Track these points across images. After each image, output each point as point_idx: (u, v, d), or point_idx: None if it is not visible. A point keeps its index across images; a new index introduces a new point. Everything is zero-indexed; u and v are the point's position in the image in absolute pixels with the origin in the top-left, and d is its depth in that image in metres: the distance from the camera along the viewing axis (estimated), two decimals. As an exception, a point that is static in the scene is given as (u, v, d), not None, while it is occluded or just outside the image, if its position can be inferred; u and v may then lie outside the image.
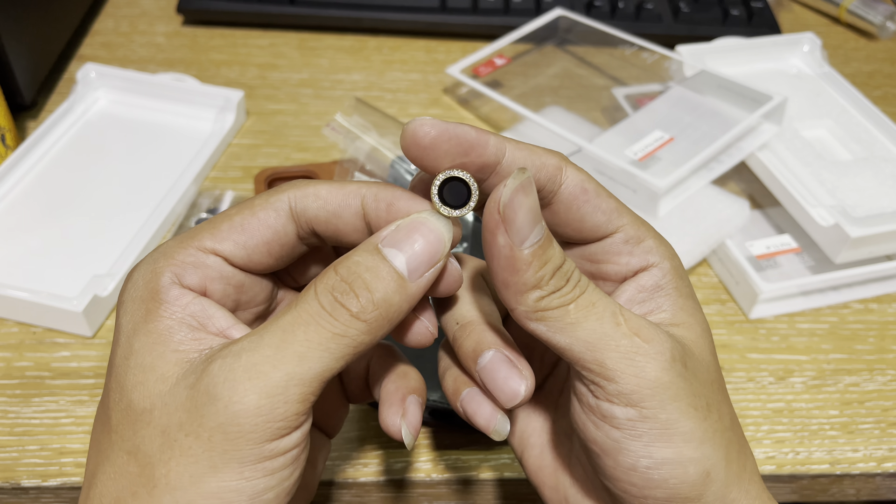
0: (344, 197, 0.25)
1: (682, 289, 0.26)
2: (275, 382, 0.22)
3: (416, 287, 0.24)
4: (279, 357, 0.22)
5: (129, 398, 0.23)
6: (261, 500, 0.23)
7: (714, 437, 0.24)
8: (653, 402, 0.23)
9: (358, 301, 0.23)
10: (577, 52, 0.62)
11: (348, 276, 0.23)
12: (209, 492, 0.22)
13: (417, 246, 0.24)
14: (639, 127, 0.50)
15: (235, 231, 0.25)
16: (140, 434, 0.23)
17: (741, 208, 0.47)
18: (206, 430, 0.22)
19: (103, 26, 0.65)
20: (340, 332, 0.23)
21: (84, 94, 0.55)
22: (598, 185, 0.26)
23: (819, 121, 0.54)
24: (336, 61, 0.64)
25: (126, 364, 0.24)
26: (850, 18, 0.73)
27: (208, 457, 0.22)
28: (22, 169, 0.49)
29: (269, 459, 0.22)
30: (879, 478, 0.40)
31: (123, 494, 0.23)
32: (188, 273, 0.25)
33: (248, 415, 0.22)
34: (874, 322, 0.46)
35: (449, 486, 0.38)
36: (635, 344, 0.23)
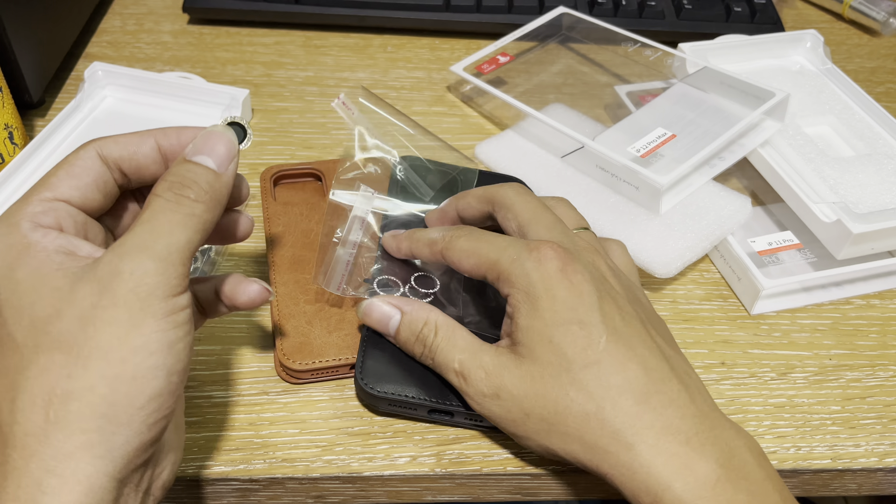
0: (139, 137, 0.32)
1: (523, 310, 0.33)
2: (160, 249, 0.27)
3: (227, 176, 0.31)
4: (155, 235, 0.28)
5: (30, 314, 0.27)
6: (175, 349, 0.27)
7: (539, 435, 0.33)
8: (487, 416, 0.35)
9: (192, 191, 0.29)
10: (579, 49, 0.62)
11: (176, 179, 0.29)
12: (136, 346, 0.26)
13: (217, 148, 0.31)
14: (641, 124, 0.50)
15: (64, 180, 0.30)
16: (54, 331, 0.26)
17: (743, 205, 0.47)
18: (120, 296, 0.27)
19: (110, 25, 0.66)
20: (189, 212, 0.29)
21: (91, 93, 0.55)
22: (468, 246, 0.36)
23: (822, 117, 0.54)
24: (341, 59, 0.64)
25: (16, 293, 0.27)
26: (853, 15, 0.73)
27: (127, 317, 0.26)
28: (30, 166, 0.49)
29: (175, 313, 0.28)
30: (881, 473, 0.40)
31: (57, 382, 0.26)
32: (42, 218, 0.29)
33: (150, 274, 0.27)
34: (876, 318, 0.47)
35: (452, 481, 0.38)
36: (462, 388, 0.35)
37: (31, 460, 0.26)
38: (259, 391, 0.40)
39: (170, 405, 0.28)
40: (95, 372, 0.26)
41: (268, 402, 0.39)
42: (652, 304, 0.39)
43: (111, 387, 0.26)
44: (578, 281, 0.33)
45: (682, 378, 0.33)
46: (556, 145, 0.51)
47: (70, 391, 0.26)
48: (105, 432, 0.26)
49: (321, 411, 0.39)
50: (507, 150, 0.53)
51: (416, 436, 0.38)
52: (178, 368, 0.28)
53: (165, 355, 0.27)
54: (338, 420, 0.39)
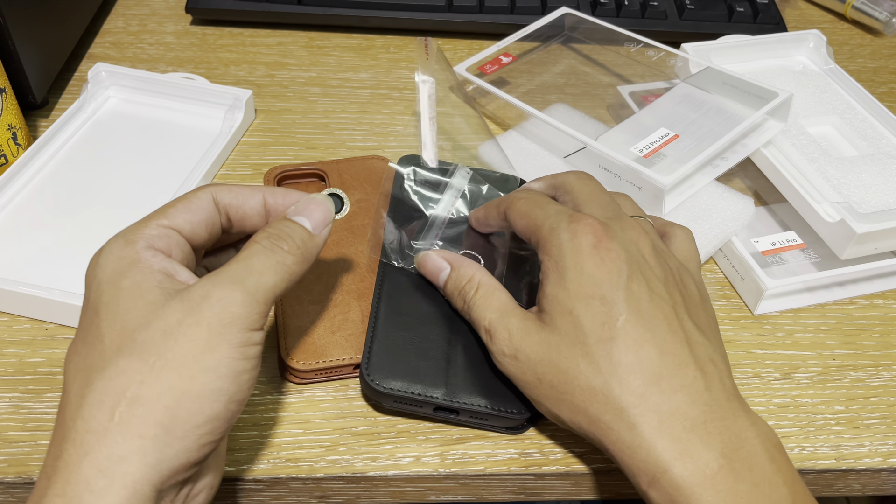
0: (250, 190, 0.35)
1: (551, 278, 0.35)
2: (249, 286, 0.30)
3: (320, 238, 0.34)
4: (247, 272, 0.30)
5: (123, 320, 0.29)
6: (240, 378, 0.29)
7: (549, 401, 0.34)
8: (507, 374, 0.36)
9: (286, 244, 0.32)
10: (582, 49, 0.62)
11: (274, 231, 0.33)
12: (207, 366, 0.28)
13: (315, 212, 0.34)
14: (644, 124, 0.50)
15: (181, 213, 0.33)
16: (140, 339, 0.28)
17: (746, 206, 0.47)
18: (205, 318, 0.29)
19: (113, 26, 0.66)
20: (280, 260, 0.32)
21: (94, 94, 0.55)
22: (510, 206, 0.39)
23: (824, 117, 0.54)
24: (343, 60, 0.64)
25: (115, 299, 0.29)
26: (856, 15, 0.73)
27: (206, 339, 0.28)
28: (33, 167, 0.50)
29: (248, 346, 0.29)
30: (885, 473, 0.40)
31: (129, 386, 0.27)
32: (156, 241, 0.31)
33: (236, 305, 0.29)
34: (880, 318, 0.46)
35: (456, 481, 0.38)
36: (488, 343, 0.37)
37: (86, 458, 0.26)
38: (263, 391, 0.40)
39: (223, 430, 0.29)
40: (166, 383, 0.27)
41: (271, 402, 0.39)
42: (707, 294, 0.38)
43: (177, 400, 0.27)
44: (611, 258, 0.34)
45: (704, 365, 0.33)
46: (559, 145, 0.51)
47: (139, 396, 0.27)
48: (160, 442, 0.27)
49: (325, 411, 0.39)
50: (510, 150, 0.53)
51: (419, 436, 0.38)
52: (239, 398, 0.29)
53: (231, 382, 0.29)
54: (341, 420, 0.39)
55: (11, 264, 0.44)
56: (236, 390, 0.29)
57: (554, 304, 0.34)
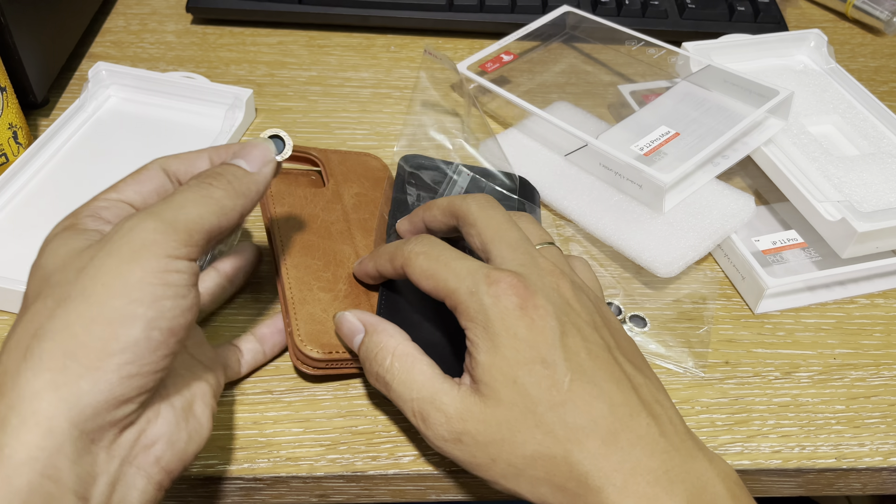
0: (197, 153, 0.34)
1: (482, 346, 0.32)
2: (166, 215, 0.29)
3: (260, 175, 0.33)
4: (165, 206, 0.29)
5: (43, 268, 0.29)
6: (161, 304, 0.27)
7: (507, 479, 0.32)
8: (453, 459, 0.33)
9: (216, 180, 0.31)
10: (583, 48, 0.62)
11: (205, 173, 0.32)
12: (117, 291, 0.27)
13: (251, 152, 0.34)
14: (644, 122, 0.50)
15: (130, 184, 0.33)
16: (55, 279, 0.28)
17: (746, 204, 0.47)
18: (115, 247, 0.28)
19: (114, 25, 0.66)
20: (207, 193, 0.30)
21: (95, 93, 0.55)
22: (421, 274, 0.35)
23: (825, 116, 0.54)
24: (344, 59, 0.64)
25: (42, 257, 0.30)
26: (857, 14, 0.73)
27: (116, 265, 0.27)
28: (34, 166, 0.50)
29: (168, 272, 0.28)
30: (886, 472, 0.40)
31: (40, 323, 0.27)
32: (104, 212, 0.31)
33: (147, 231, 0.28)
34: (880, 317, 0.46)
35: (457, 479, 0.38)
36: (421, 430, 0.33)
37: (2, 400, 0.26)
38: (263, 390, 0.40)
39: (149, 363, 0.27)
40: (73, 312, 0.26)
41: (272, 400, 0.39)
42: (616, 319, 0.37)
43: (86, 328, 0.26)
44: (539, 316, 0.32)
45: (653, 408, 0.32)
46: (560, 143, 0.51)
47: (48, 330, 0.26)
48: (71, 373, 0.26)
49: (325, 410, 0.39)
50: (511, 148, 0.53)
51: (419, 435, 0.38)
52: (162, 326, 0.27)
53: (147, 306, 0.27)
54: (342, 419, 0.39)
55: (12, 263, 0.44)
56: (155, 316, 0.27)
57: (493, 373, 0.32)
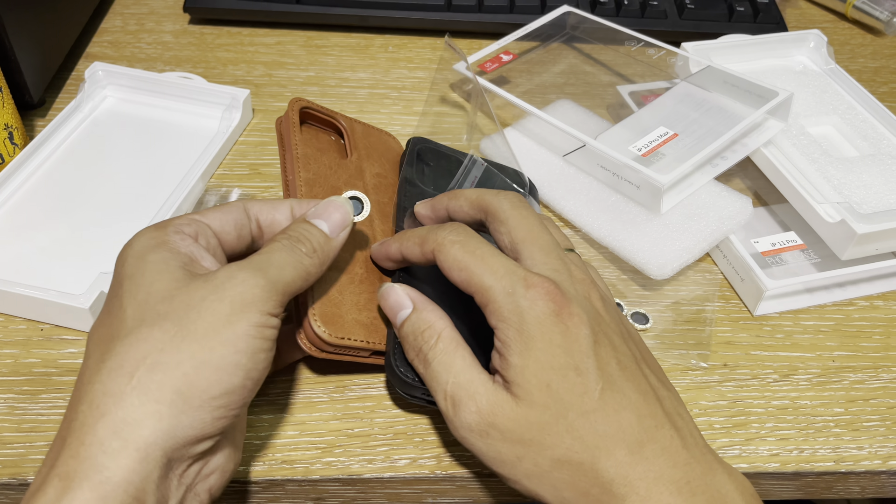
0: (280, 201, 0.37)
1: (514, 348, 0.32)
2: (271, 275, 0.31)
3: (337, 241, 0.35)
4: (269, 264, 0.32)
5: (147, 291, 0.30)
6: (257, 357, 0.30)
7: (530, 479, 0.32)
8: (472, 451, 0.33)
9: (305, 245, 0.34)
10: (582, 48, 0.62)
11: (293, 233, 0.34)
12: (227, 339, 0.29)
13: (333, 215, 0.35)
14: (643, 123, 0.50)
15: (212, 212, 0.35)
16: (163, 310, 0.29)
17: (744, 206, 0.47)
18: (228, 295, 0.30)
19: (111, 25, 0.66)
20: (299, 260, 0.33)
21: (91, 93, 0.55)
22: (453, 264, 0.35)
23: (825, 117, 0.54)
24: (342, 59, 0.64)
25: (140, 272, 0.31)
26: (857, 15, 0.72)
27: (228, 314, 0.29)
28: (30, 167, 0.49)
29: (266, 328, 0.30)
30: (884, 475, 0.39)
31: (150, 353, 0.28)
32: (186, 228, 0.33)
33: (259, 289, 0.30)
34: (880, 319, 0.46)
35: (453, 483, 0.38)
36: (448, 416, 0.33)
37: (101, 420, 0.27)
38: (258, 393, 0.40)
39: (238, 405, 0.30)
40: (186, 352, 0.28)
41: (267, 403, 0.39)
42: (637, 332, 0.38)
43: (196, 369, 0.28)
44: (574, 324, 0.32)
45: (675, 421, 0.33)
46: (558, 144, 0.51)
47: (158, 362, 0.28)
48: (176, 409, 0.28)
49: (321, 413, 0.39)
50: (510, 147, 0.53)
51: (416, 437, 0.38)
52: (255, 376, 0.30)
53: (249, 357, 0.30)
54: (337, 421, 0.39)
55: (7, 264, 0.44)
56: (253, 367, 0.30)
57: (526, 376, 0.32)
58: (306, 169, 0.41)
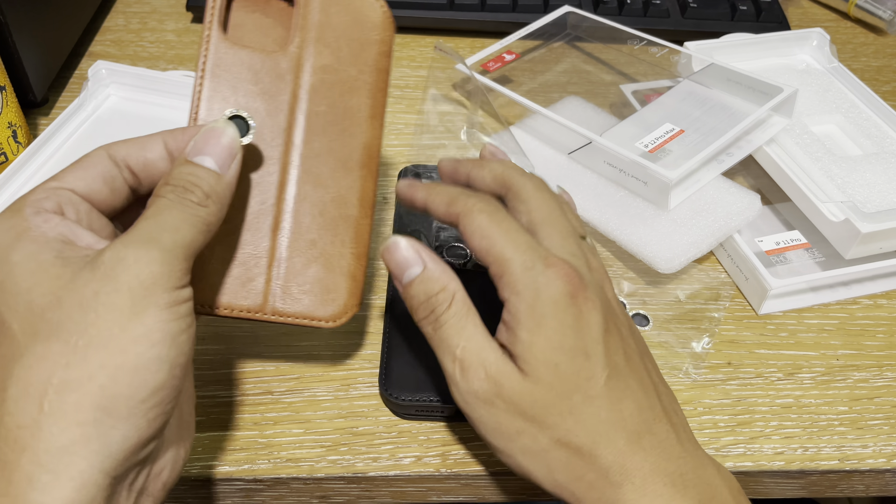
0: (148, 137, 0.32)
1: (526, 323, 0.31)
2: (166, 243, 0.27)
3: (229, 176, 0.31)
4: (161, 229, 0.28)
5: (27, 300, 0.26)
6: (178, 340, 0.27)
7: (525, 455, 0.31)
8: (469, 419, 0.32)
9: (194, 195, 0.29)
10: (585, 48, 0.62)
11: (178, 182, 0.29)
12: (138, 335, 0.26)
13: (217, 146, 0.30)
14: (648, 121, 0.50)
15: (71, 171, 0.30)
16: (55, 319, 0.25)
17: (752, 202, 0.47)
18: (124, 283, 0.26)
19: (114, 24, 0.66)
20: (193, 212, 0.29)
21: (95, 91, 0.55)
22: (477, 229, 0.33)
23: (828, 116, 0.54)
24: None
25: (11, 277, 0.26)
26: (859, 13, 0.72)
27: (130, 305, 0.26)
28: (34, 165, 0.49)
29: (178, 305, 0.27)
30: (889, 474, 0.39)
31: (54, 371, 0.25)
32: (44, 202, 0.28)
33: (155, 263, 0.26)
34: (884, 318, 0.46)
35: (458, 481, 0.38)
36: (455, 380, 0.32)
37: (23, 454, 0.24)
38: (263, 391, 0.40)
39: (171, 399, 0.27)
40: (95, 362, 0.25)
41: (272, 401, 0.39)
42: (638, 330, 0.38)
43: (112, 378, 0.25)
44: (588, 309, 0.32)
45: (671, 417, 0.33)
46: (564, 141, 0.51)
47: (67, 381, 0.25)
48: (103, 426, 0.25)
49: (325, 411, 0.39)
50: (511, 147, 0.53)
51: (420, 436, 0.38)
52: (181, 361, 0.27)
53: (168, 347, 0.26)
54: (342, 420, 0.39)
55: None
56: (177, 354, 0.27)
57: (534, 352, 0.31)
58: (215, 72, 0.34)
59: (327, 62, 0.34)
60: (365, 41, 0.35)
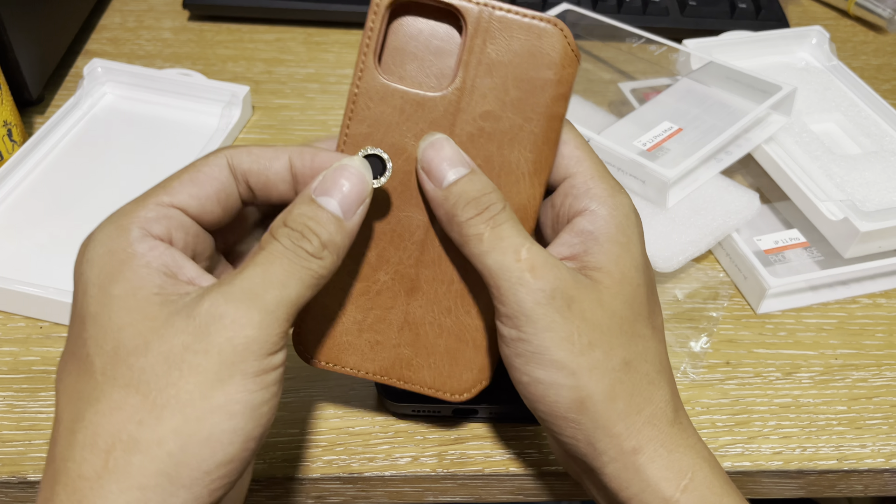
0: (273, 152, 0.29)
1: (614, 236, 0.29)
2: (269, 302, 0.25)
3: (352, 224, 0.28)
4: (267, 283, 0.25)
5: (116, 339, 0.25)
6: (258, 412, 0.25)
7: (592, 373, 0.28)
8: (528, 328, 0.28)
9: (311, 244, 0.26)
10: (583, 46, 0.61)
11: (296, 225, 0.27)
12: (217, 404, 0.24)
13: (345, 188, 0.27)
14: (647, 119, 0.50)
15: (186, 185, 0.28)
16: (138, 366, 0.24)
17: (751, 201, 0.47)
18: (215, 345, 0.24)
19: (110, 22, 0.65)
20: (306, 265, 0.26)
21: (90, 90, 0.55)
22: (573, 138, 0.31)
23: (828, 114, 0.54)
24: (342, 56, 0.64)
25: (106, 311, 0.25)
26: (859, 12, 0.72)
27: (216, 370, 0.24)
28: (29, 164, 0.49)
29: (266, 373, 0.25)
30: (887, 473, 0.39)
31: (125, 426, 0.24)
32: (153, 225, 0.27)
33: (252, 326, 0.24)
34: (882, 317, 0.46)
35: (454, 481, 0.38)
36: (524, 278, 0.27)
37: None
38: (259, 390, 0.39)
39: (238, 472, 0.25)
40: (169, 425, 0.24)
41: (268, 401, 0.39)
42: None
43: (182, 446, 0.24)
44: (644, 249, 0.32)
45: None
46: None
47: (137, 441, 0.24)
48: (163, 492, 0.24)
49: (322, 411, 0.39)
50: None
51: (417, 436, 0.38)
52: (257, 434, 0.25)
53: (247, 419, 0.24)
54: (338, 420, 0.38)
55: (6, 262, 0.44)
56: (254, 426, 0.25)
57: (621, 267, 0.29)
58: (361, 110, 0.30)
59: (490, 108, 0.30)
60: (538, 82, 0.29)
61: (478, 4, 0.29)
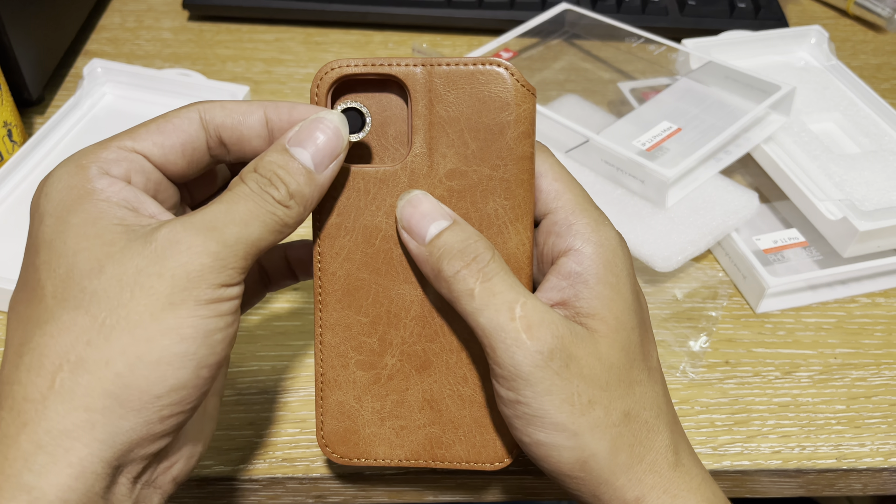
0: (248, 106, 0.28)
1: (604, 277, 0.28)
2: (228, 236, 0.25)
3: (323, 178, 0.27)
4: (229, 220, 0.25)
5: (70, 263, 0.24)
6: (211, 339, 0.25)
7: (594, 432, 0.27)
8: (527, 391, 0.27)
9: (279, 190, 0.26)
10: (583, 45, 0.61)
11: (266, 172, 0.27)
12: (168, 327, 0.24)
13: (320, 141, 0.27)
14: (646, 118, 0.50)
15: (152, 133, 0.27)
16: (90, 288, 0.24)
17: (750, 200, 0.47)
18: (168, 269, 0.24)
19: (109, 22, 0.65)
20: (271, 210, 0.26)
21: (90, 90, 0.55)
22: (550, 169, 0.30)
23: (827, 114, 0.54)
24: (342, 56, 0.64)
25: (62, 237, 0.25)
26: (858, 11, 0.72)
27: (168, 293, 0.24)
28: (29, 164, 0.49)
29: (220, 302, 0.25)
30: (886, 472, 0.39)
31: (73, 347, 0.24)
32: (113, 166, 0.26)
33: (208, 256, 0.24)
34: (881, 316, 0.46)
35: (454, 480, 0.38)
36: (520, 339, 0.26)
37: (24, 430, 0.23)
38: (258, 390, 0.39)
39: (193, 400, 0.25)
40: (117, 346, 0.23)
41: (267, 401, 0.39)
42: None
43: (130, 366, 0.23)
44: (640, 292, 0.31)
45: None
46: (561, 140, 0.51)
47: (85, 360, 0.23)
48: (111, 415, 0.23)
49: (322, 410, 0.39)
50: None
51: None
52: (211, 362, 0.25)
53: (199, 345, 0.24)
54: (338, 419, 0.38)
55: (6, 262, 0.44)
56: (206, 353, 0.25)
57: (614, 311, 0.28)
58: (328, 204, 0.30)
59: (453, 166, 0.29)
60: (496, 127, 0.29)
61: (417, 66, 0.29)
